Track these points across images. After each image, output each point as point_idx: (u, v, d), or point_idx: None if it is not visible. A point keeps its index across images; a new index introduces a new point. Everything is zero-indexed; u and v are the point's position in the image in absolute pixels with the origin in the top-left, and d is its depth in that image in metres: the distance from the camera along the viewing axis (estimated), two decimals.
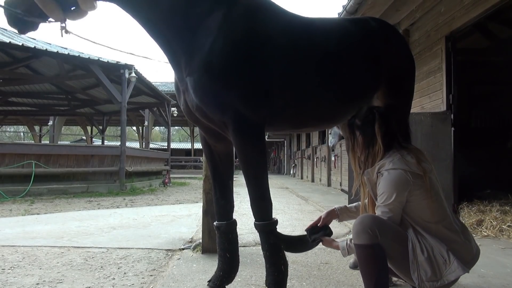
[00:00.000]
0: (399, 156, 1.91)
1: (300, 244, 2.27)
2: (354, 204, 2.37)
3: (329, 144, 8.49)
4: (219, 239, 2.35)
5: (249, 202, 2.08)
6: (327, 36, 2.38)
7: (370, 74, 2.49)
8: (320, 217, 2.29)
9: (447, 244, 1.81)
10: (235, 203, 2.42)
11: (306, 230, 2.28)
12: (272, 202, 2.11)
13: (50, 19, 1.99)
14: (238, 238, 3.73)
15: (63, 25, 2.06)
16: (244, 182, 2.08)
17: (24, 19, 1.94)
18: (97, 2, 2.01)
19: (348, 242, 1.96)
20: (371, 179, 2.00)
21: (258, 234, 2.13)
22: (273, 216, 2.11)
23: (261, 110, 2.04)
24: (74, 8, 2.01)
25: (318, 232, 2.20)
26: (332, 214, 2.30)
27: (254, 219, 2.11)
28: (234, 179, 2.48)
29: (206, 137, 2.35)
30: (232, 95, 1.94)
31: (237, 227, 2.41)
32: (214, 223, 2.38)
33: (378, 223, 1.79)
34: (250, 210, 2.10)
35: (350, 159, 2.17)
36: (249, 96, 1.97)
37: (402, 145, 2.01)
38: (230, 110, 1.95)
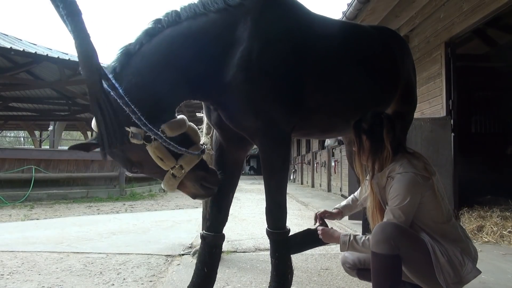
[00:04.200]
0: (407, 160, 1.91)
1: (306, 239, 2.18)
2: (348, 199, 2.38)
3: (325, 143, 8.39)
4: (201, 250, 2.22)
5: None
6: (356, 40, 2.42)
7: (393, 80, 2.56)
8: (321, 218, 2.26)
9: (458, 244, 1.82)
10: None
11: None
12: None
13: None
14: (239, 243, 3.72)
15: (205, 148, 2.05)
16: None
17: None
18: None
19: (351, 238, 1.92)
20: (380, 184, 1.99)
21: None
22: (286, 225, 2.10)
23: (292, 116, 2.02)
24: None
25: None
26: (338, 214, 2.31)
27: (266, 226, 2.09)
28: None
29: (225, 144, 2.26)
30: (267, 99, 1.92)
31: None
32: (201, 231, 2.27)
33: (400, 233, 1.77)
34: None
35: (355, 163, 2.13)
36: (282, 101, 1.95)
37: (406, 150, 2.02)
38: (263, 116, 1.93)
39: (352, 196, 2.39)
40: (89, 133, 22.98)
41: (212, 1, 1.93)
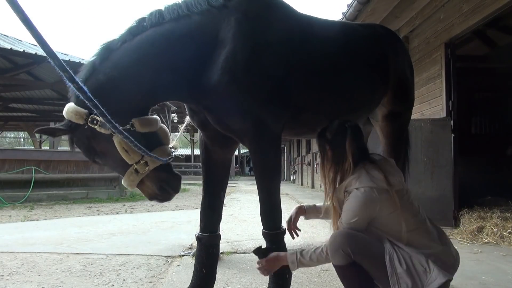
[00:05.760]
0: (365, 172, 1.83)
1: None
2: (316, 204, 2.36)
3: None
4: (198, 251, 2.24)
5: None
6: (343, 39, 2.40)
7: (382, 79, 2.54)
8: (291, 216, 2.26)
9: (425, 251, 1.74)
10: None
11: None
12: None
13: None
14: (239, 244, 3.72)
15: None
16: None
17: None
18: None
19: (298, 255, 1.87)
20: (339, 198, 1.94)
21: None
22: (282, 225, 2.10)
23: (281, 116, 2.02)
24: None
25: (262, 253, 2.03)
26: (301, 211, 2.28)
27: (262, 227, 2.09)
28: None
29: (210, 144, 2.26)
30: (253, 100, 1.91)
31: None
32: (196, 233, 2.28)
33: (350, 241, 1.74)
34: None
35: (320, 174, 2.11)
36: (269, 101, 1.94)
37: (371, 159, 1.93)
38: (251, 117, 1.92)
39: (319, 204, 2.34)
40: None
41: (196, 2, 1.92)
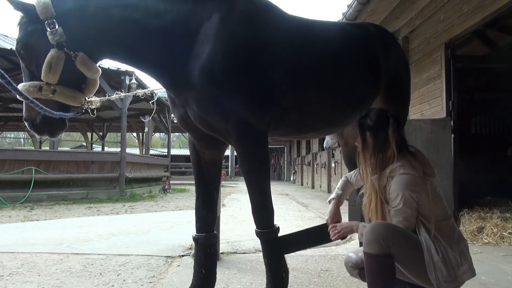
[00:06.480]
0: (407, 161, 1.91)
1: (316, 235, 2.20)
2: (341, 184, 2.34)
3: (325, 144, 8.31)
4: (196, 252, 2.27)
5: (250, 209, 2.07)
6: (330, 39, 2.39)
7: (371, 78, 2.51)
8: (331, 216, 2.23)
9: (458, 245, 1.83)
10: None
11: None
12: None
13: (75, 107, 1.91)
14: (238, 244, 3.72)
15: (85, 105, 1.98)
16: (244, 188, 2.08)
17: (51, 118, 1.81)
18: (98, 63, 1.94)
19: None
20: (380, 183, 1.98)
21: (257, 241, 2.11)
22: (274, 223, 2.10)
23: (265, 116, 2.01)
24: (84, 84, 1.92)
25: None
26: (338, 203, 2.26)
27: (255, 227, 2.09)
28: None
29: (197, 144, 2.27)
30: (235, 101, 1.91)
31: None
32: (193, 234, 2.31)
33: (390, 232, 1.78)
34: (250, 216, 2.10)
35: (360, 160, 2.11)
36: (252, 102, 1.94)
37: (409, 150, 2.01)
38: (234, 117, 1.92)
39: (344, 178, 2.35)
40: (89, 134, 23.01)
41: None
